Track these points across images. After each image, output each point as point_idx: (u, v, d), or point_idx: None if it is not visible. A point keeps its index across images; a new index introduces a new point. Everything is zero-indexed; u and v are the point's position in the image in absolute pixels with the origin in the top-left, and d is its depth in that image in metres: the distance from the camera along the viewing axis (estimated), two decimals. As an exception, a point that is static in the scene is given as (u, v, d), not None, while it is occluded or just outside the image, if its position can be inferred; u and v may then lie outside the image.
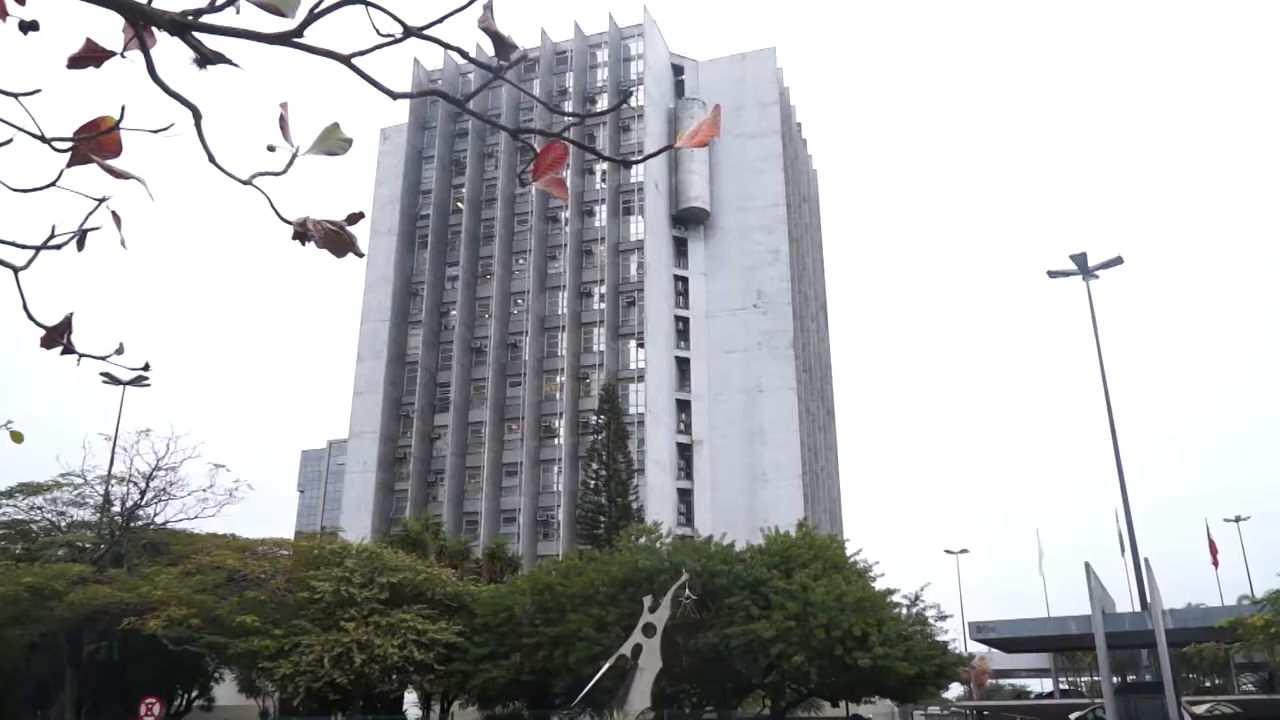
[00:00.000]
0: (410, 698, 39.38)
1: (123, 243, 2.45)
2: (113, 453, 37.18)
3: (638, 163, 11.55)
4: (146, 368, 2.88)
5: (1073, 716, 33.15)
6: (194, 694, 42.98)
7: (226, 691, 42.23)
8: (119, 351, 2.87)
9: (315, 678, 30.16)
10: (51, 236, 2.51)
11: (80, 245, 2.50)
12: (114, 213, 2.43)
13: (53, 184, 2.38)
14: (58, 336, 2.64)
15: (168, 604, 30.86)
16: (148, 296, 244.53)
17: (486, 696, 34.15)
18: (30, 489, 36.45)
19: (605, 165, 74.92)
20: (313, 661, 30.19)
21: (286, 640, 30.93)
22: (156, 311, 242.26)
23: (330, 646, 30.38)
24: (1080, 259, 38.70)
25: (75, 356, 2.75)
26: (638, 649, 29.56)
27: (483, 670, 32.14)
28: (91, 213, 2.43)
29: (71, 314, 2.66)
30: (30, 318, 2.54)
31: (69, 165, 2.30)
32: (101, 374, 38.92)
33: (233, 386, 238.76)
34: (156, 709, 26.63)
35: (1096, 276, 38.82)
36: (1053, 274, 39.70)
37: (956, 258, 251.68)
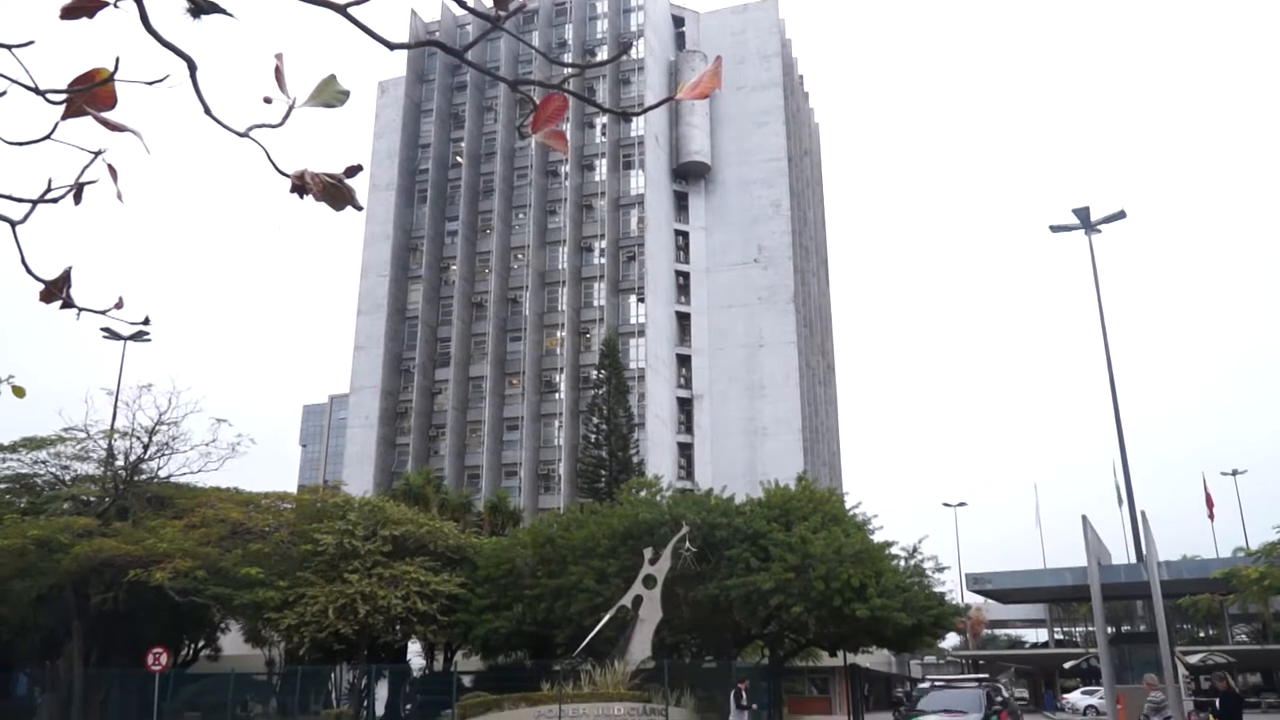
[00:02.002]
0: (414, 647, 39.94)
1: (119, 196, 2.43)
2: (115, 407, 37.31)
3: (638, 114, 11.49)
4: (146, 322, 2.88)
5: (1067, 665, 33.54)
6: (200, 644, 43.59)
7: (233, 641, 42.83)
8: (118, 306, 2.87)
9: (320, 628, 30.55)
10: (48, 190, 2.50)
11: (77, 199, 2.49)
12: (110, 166, 2.42)
13: (47, 137, 2.37)
14: (57, 291, 2.64)
15: (173, 556, 31.15)
16: (147, 251, 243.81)
17: (489, 646, 34.60)
18: (33, 443, 36.61)
19: (605, 119, 74.26)
20: (317, 612, 30.56)
21: (291, 592, 31.28)
22: (156, 266, 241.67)
23: (334, 598, 30.74)
24: (1083, 213, 38.48)
25: (75, 311, 2.75)
26: (638, 600, 29.94)
27: (485, 621, 32.54)
28: (87, 166, 2.42)
29: (70, 268, 2.66)
30: (29, 272, 2.54)
31: (64, 118, 2.28)
32: (102, 329, 38.99)
33: (233, 341, 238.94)
34: (164, 659, 27.00)
35: (1099, 231, 38.63)
36: (1055, 228, 39.49)
37: (959, 211, 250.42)
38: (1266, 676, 63.92)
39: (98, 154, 2.41)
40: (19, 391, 3.73)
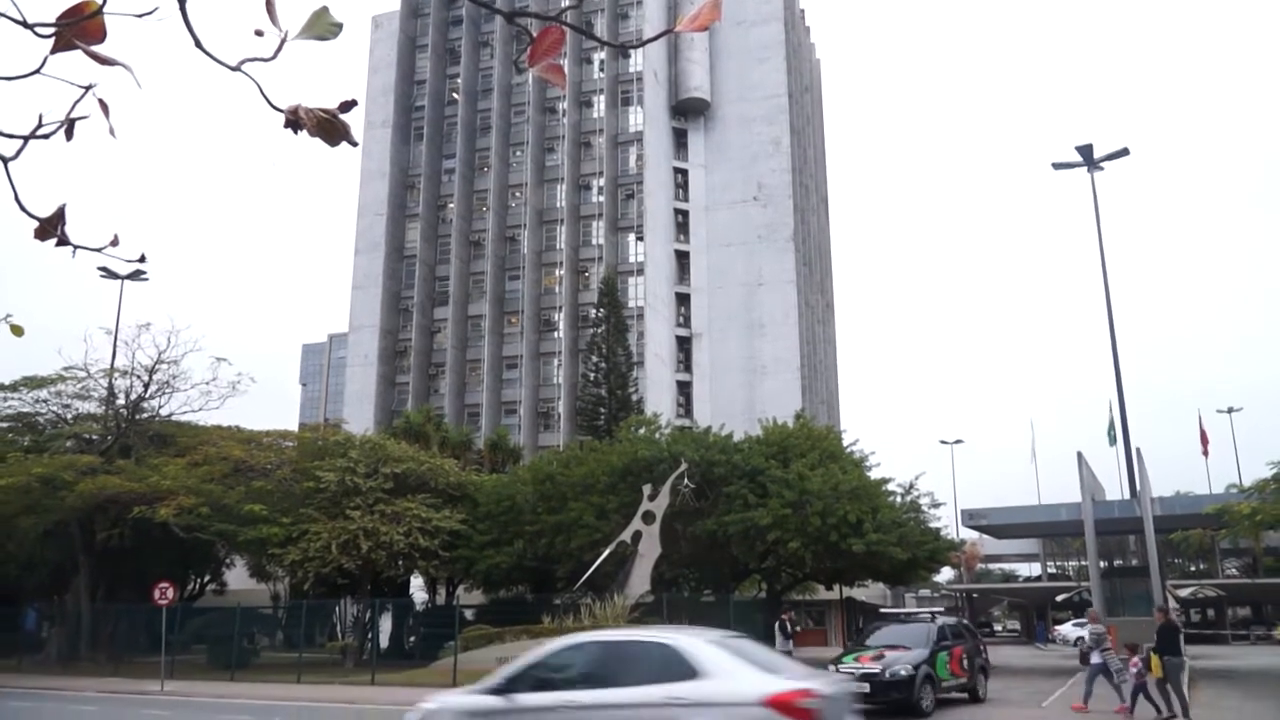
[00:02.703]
0: (416, 582, 40.53)
1: (111, 131, 2.41)
2: (114, 346, 37.37)
3: (636, 48, 11.26)
4: (142, 259, 2.87)
5: (1059, 599, 34.02)
6: (206, 579, 44.25)
7: (238, 576, 43.48)
8: (114, 243, 2.86)
9: (323, 563, 30.96)
10: (39, 126, 2.48)
11: (69, 134, 2.46)
12: (101, 100, 2.39)
13: (37, 71, 2.34)
14: (51, 228, 2.62)
15: (176, 493, 31.46)
16: (141, 189, 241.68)
17: (490, 581, 35.10)
18: (34, 382, 36.71)
19: (603, 55, 73.05)
20: (320, 548, 30.95)
21: (294, 528, 31.65)
22: (151, 205, 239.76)
23: (337, 534, 31.09)
24: (1086, 150, 38.13)
25: (70, 248, 2.73)
26: (637, 535, 30.32)
27: (486, 556, 32.97)
28: (78, 101, 2.39)
29: (64, 205, 2.64)
30: (23, 209, 2.52)
31: (53, 52, 2.25)
32: (99, 268, 38.85)
33: (231, 281, 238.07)
34: (170, 593, 27.38)
35: (1101, 168, 38.32)
36: (1057, 165, 39.16)
37: (961, 149, 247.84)
38: (1256, 609, 65.05)
39: (88, 89, 2.39)
40: (17, 330, 3.72)
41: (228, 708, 21.67)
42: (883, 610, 22.47)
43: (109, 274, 38.47)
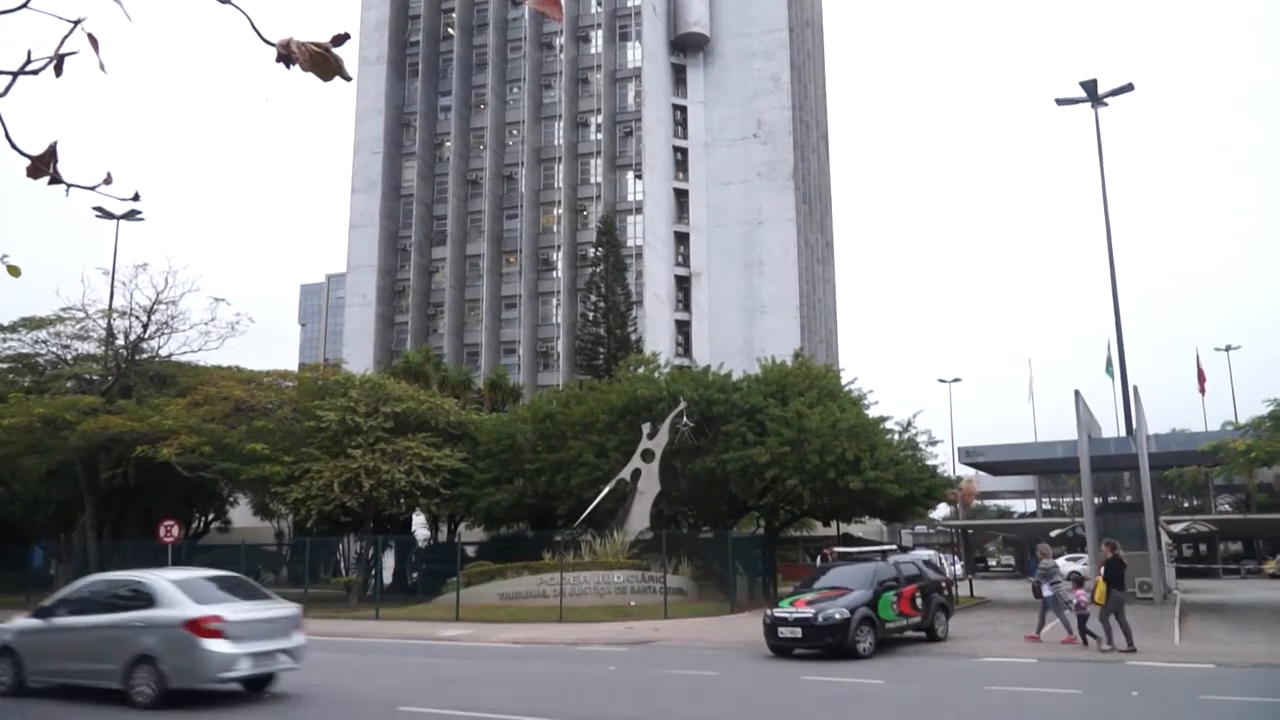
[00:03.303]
0: (418, 519, 40.97)
1: (101, 66, 2.40)
2: (112, 287, 37.27)
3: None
4: (136, 197, 2.88)
5: (1053, 534, 34.44)
6: (210, 517, 44.72)
7: (242, 514, 43.93)
8: (107, 181, 2.87)
9: (326, 501, 31.27)
10: (28, 62, 2.47)
11: (58, 70, 2.46)
12: (90, 35, 2.38)
13: (24, 5, 2.32)
14: (43, 166, 2.63)
15: (178, 433, 31.65)
16: (134, 127, 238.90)
17: (491, 518, 35.47)
18: (33, 323, 36.69)
19: (601, -15, 71.67)
20: (323, 486, 31.22)
21: (296, 466, 31.89)
22: (144, 143, 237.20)
23: (339, 472, 31.35)
24: (1090, 86, 37.63)
25: (64, 186, 2.74)
26: (637, 473, 30.61)
27: (487, 494, 33.28)
28: (67, 36, 2.38)
29: (56, 142, 2.65)
30: (14, 147, 2.53)
31: (41, -16, 2.23)
32: (95, 208, 38.56)
33: (227, 221, 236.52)
34: (175, 531, 27.73)
35: (1105, 104, 37.84)
36: (1061, 101, 38.68)
37: (964, 85, 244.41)
38: (1247, 545, 65.89)
39: (77, 23, 2.37)
40: (14, 271, 3.74)
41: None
42: (838, 550, 22.06)
43: (104, 214, 38.21)
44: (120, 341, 37.24)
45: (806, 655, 16.35)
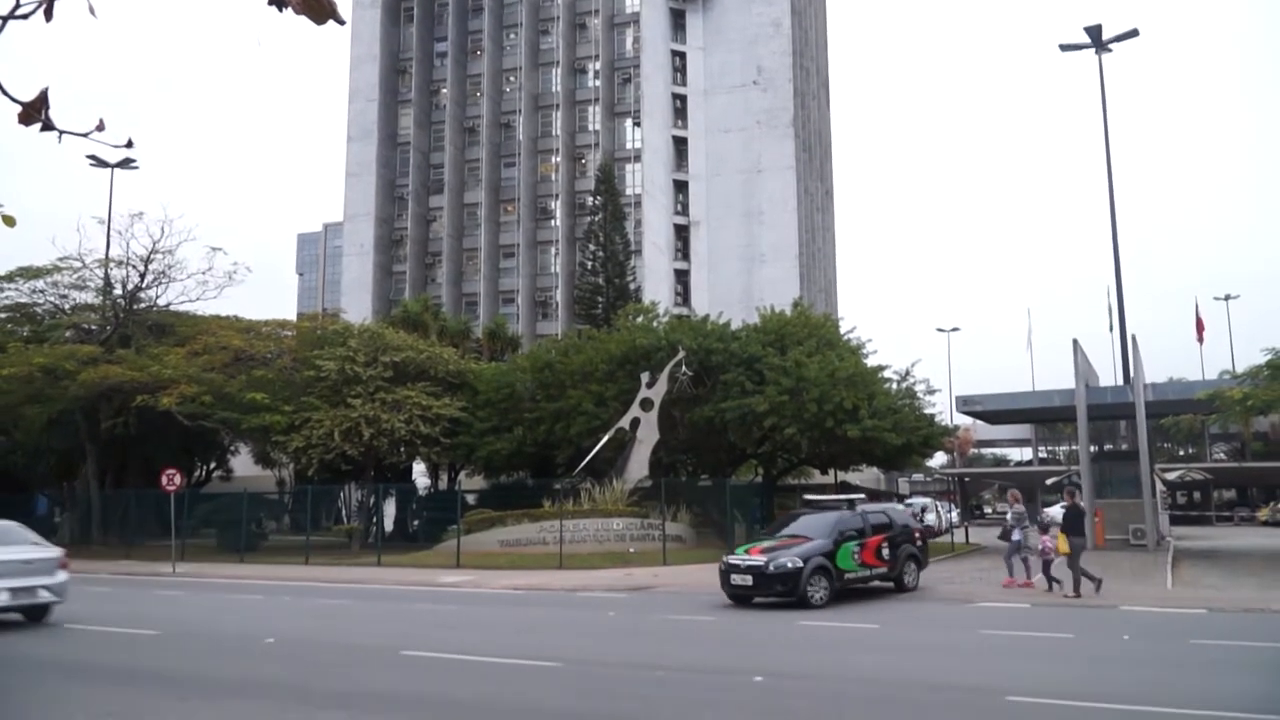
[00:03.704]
0: (418, 468, 41.23)
1: (91, 10, 2.38)
2: (108, 236, 37.12)
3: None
4: (129, 144, 2.86)
5: (1049, 482, 34.67)
6: (212, 466, 45.01)
7: (243, 463, 44.21)
8: (99, 128, 2.86)
9: (327, 450, 31.43)
10: (17, 6, 2.44)
11: (48, 14, 2.43)
12: (80, -22, 2.34)
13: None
14: (35, 112, 2.61)
15: (178, 382, 31.72)
16: (126, 73, 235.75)
17: (491, 467, 35.69)
18: (30, 273, 36.59)
19: (599, -73, 70.29)
20: (323, 435, 31.36)
21: (296, 416, 32.01)
22: (137, 90, 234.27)
23: (339, 421, 31.47)
24: (1094, 31, 37.11)
25: (56, 133, 2.73)
26: (636, 422, 30.75)
27: (487, 443, 33.45)
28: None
29: (47, 89, 2.63)
30: (5, 93, 2.51)
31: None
32: (88, 156, 38.24)
33: (222, 169, 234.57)
34: (177, 479, 27.90)
35: (1110, 50, 37.36)
36: (1065, 47, 38.17)
37: (966, 31, 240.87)
38: (1241, 492, 66.45)
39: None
40: (9, 220, 3.73)
41: (239, 587, 22.34)
42: (806, 498, 21.66)
43: (98, 162, 37.92)
44: (118, 291, 37.16)
45: (761, 603, 16.31)
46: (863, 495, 21.41)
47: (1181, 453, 72.39)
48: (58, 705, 8.97)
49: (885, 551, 17.44)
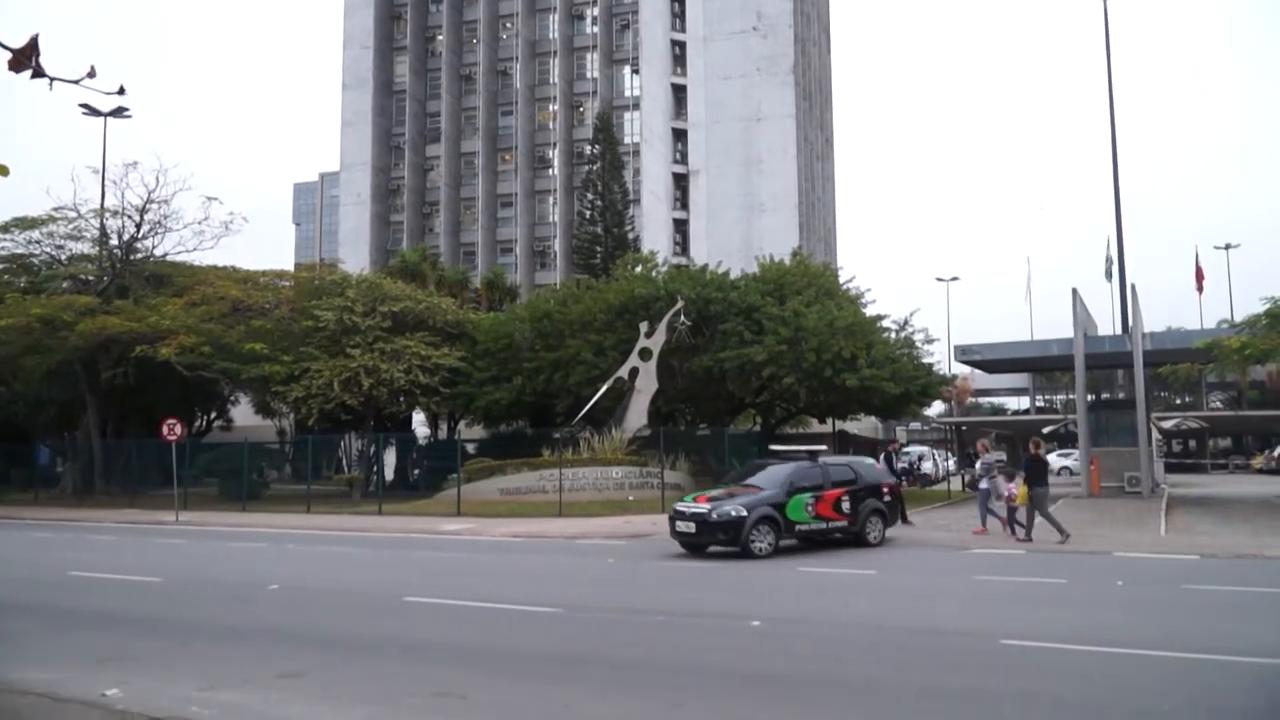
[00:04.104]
0: (418, 417, 41.38)
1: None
2: (102, 186, 36.81)
3: None
4: (121, 91, 2.84)
5: (1045, 430, 34.84)
6: (213, 416, 45.15)
7: (243, 413, 44.34)
8: (90, 75, 2.83)
9: (326, 400, 31.50)
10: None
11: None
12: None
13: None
14: (25, 59, 2.59)
15: (177, 332, 31.70)
16: (117, 19, 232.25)
17: (491, 416, 35.80)
18: (25, 223, 36.36)
19: None
20: (323, 386, 31.41)
21: (296, 366, 32.02)
22: (128, 36, 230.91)
23: (338, 371, 31.50)
24: (1100, -28, 36.56)
25: (47, 80, 2.70)
26: (635, 372, 30.81)
27: (486, 393, 33.52)
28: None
29: (37, 35, 2.60)
30: (-4, 39, 2.48)
31: None
32: (81, 105, 37.80)
33: (216, 117, 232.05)
34: (178, 429, 28.00)
35: (1115, -9, 36.91)
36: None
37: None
38: (1236, 441, 66.79)
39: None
40: (3, 170, 3.72)
41: (242, 535, 22.55)
42: (772, 448, 21.30)
43: (91, 111, 37.50)
44: (114, 241, 36.97)
45: (709, 552, 16.35)
46: (824, 447, 20.65)
47: (1178, 401, 72.65)
48: (63, 650, 9.10)
49: (845, 505, 17.10)
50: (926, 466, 40.69)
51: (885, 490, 18.12)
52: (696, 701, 6.76)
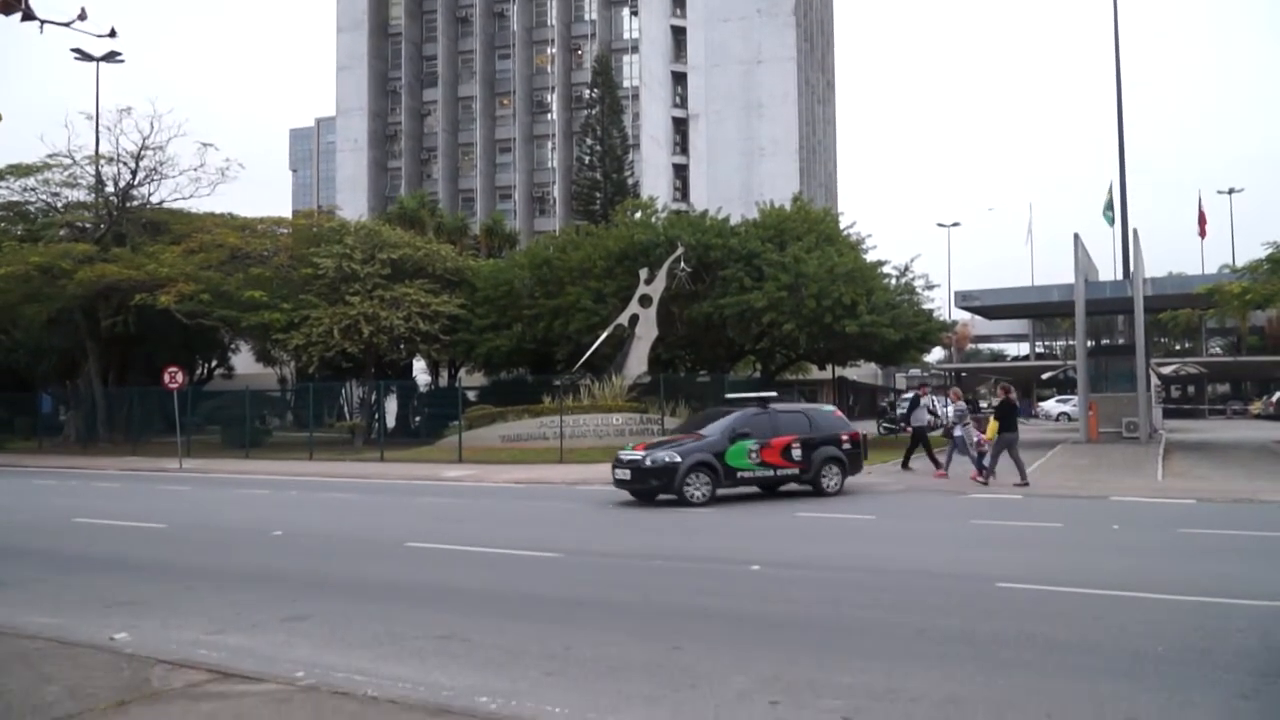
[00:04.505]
0: (419, 365, 41.45)
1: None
2: (96, 132, 36.47)
3: None
4: (112, 34, 2.79)
5: (1044, 376, 34.90)
6: (214, 364, 45.24)
7: (244, 361, 44.43)
8: (81, 17, 2.78)
9: (327, 348, 31.53)
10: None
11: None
12: None
13: None
14: (14, 1, 2.54)
15: (175, 280, 31.64)
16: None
17: (491, 363, 35.86)
18: (20, 170, 36.09)
19: None
20: (323, 333, 31.42)
21: (295, 313, 32.01)
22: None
23: (338, 319, 31.49)
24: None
25: (37, 23, 2.66)
26: (634, 319, 30.79)
27: (486, 340, 33.55)
28: None
29: (26, -25, 2.54)
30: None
31: None
32: (73, 50, 37.26)
33: (210, 62, 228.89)
34: (180, 377, 28.07)
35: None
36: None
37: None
38: (1235, 386, 66.99)
39: None
40: (-4, 114, 3.66)
41: (246, 482, 22.71)
42: (728, 396, 20.99)
43: (83, 55, 37.00)
44: (110, 188, 36.72)
45: (650, 498, 16.38)
46: (775, 395, 20.10)
47: (1178, 347, 72.70)
48: (70, 595, 9.22)
49: (796, 452, 16.88)
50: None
51: (845, 439, 17.79)
52: (696, 644, 6.86)
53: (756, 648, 6.77)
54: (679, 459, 15.92)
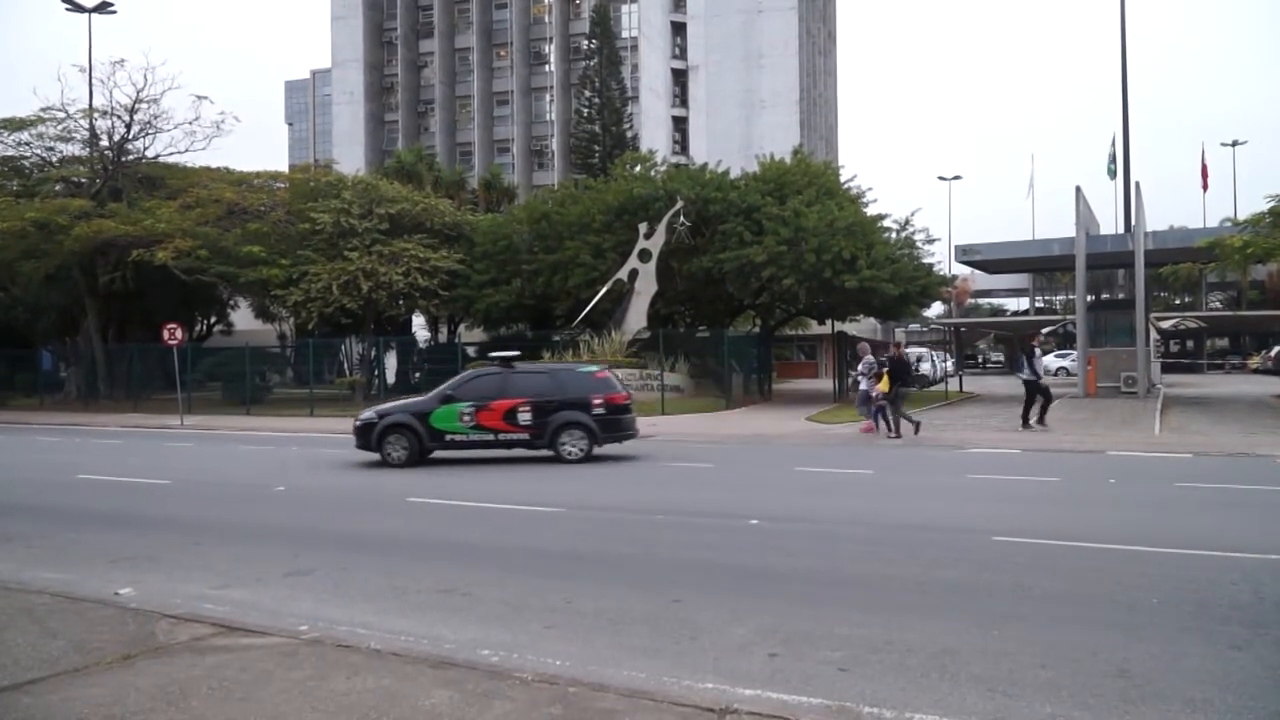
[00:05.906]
0: (418, 321, 41.41)
1: None
2: (90, 85, 36.11)
3: None
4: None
5: (1044, 331, 34.93)
6: (213, 320, 45.17)
7: (244, 318, 44.35)
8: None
9: (326, 304, 31.48)
10: None
11: None
12: None
13: None
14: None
15: (173, 236, 31.49)
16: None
17: (490, 319, 35.82)
18: (14, 124, 35.74)
19: None
20: (322, 289, 31.35)
21: (294, 269, 31.90)
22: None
23: (337, 275, 31.40)
24: None
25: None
26: (634, 274, 30.71)
27: (485, 295, 33.48)
28: None
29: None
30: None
31: None
32: (65, 0, 36.70)
33: (203, 13, 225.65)
34: (179, 333, 28.05)
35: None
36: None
37: None
38: (1234, 341, 67.01)
39: None
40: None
41: (248, 438, 22.80)
42: (490, 355, 19.42)
43: (74, 7, 36.49)
44: (105, 143, 36.41)
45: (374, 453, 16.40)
46: (518, 354, 18.83)
47: (1178, 301, 72.60)
48: (75, 551, 9.30)
49: (525, 417, 16.14)
50: (925, 368, 40.94)
51: (596, 403, 16.47)
52: (695, 595, 6.93)
53: (754, 600, 6.84)
54: (376, 419, 16.36)
